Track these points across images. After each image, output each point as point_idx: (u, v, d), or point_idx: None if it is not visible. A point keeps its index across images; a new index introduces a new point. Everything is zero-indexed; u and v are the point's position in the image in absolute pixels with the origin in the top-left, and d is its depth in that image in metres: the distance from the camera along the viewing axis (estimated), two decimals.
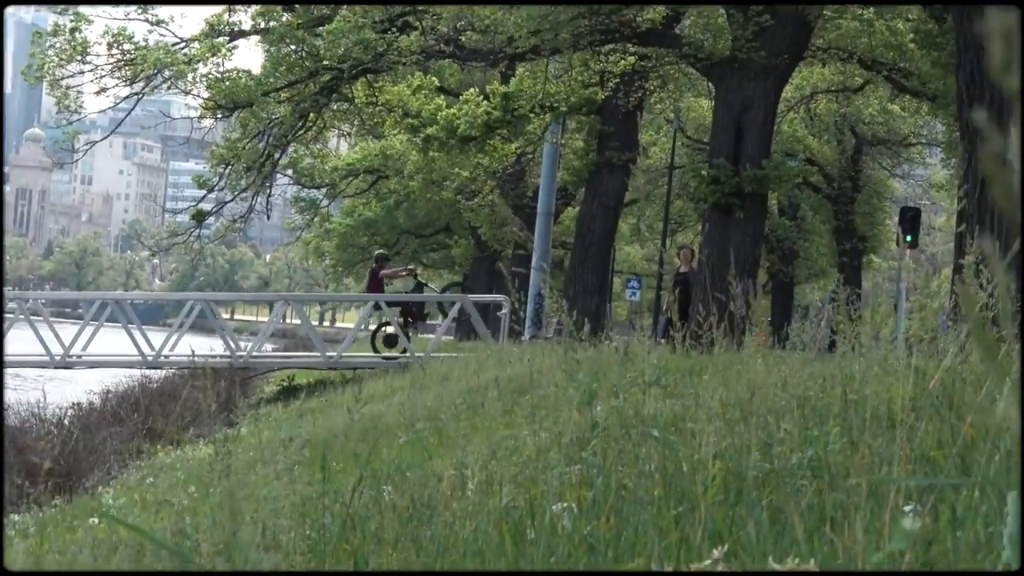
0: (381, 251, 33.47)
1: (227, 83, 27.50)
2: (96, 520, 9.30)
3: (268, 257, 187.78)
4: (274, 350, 46.57)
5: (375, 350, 28.35)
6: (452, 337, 44.39)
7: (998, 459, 2.92)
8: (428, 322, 35.71)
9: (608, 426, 4.48)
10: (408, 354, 26.76)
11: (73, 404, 23.78)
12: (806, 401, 4.96)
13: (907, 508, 2.87)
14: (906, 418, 3.47)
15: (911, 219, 34.53)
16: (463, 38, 27.98)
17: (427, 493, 4.94)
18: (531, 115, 30.42)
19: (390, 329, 28.60)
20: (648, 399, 5.16)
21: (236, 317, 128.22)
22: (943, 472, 3.11)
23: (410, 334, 28.63)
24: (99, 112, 33.47)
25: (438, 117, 30.88)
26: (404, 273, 32.74)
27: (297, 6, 28.35)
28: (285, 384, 29.43)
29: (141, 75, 27.37)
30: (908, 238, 33.62)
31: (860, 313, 6.07)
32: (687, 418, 4.82)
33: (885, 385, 4.15)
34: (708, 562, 2.39)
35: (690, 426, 4.22)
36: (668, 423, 4.86)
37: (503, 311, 29.46)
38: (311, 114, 29.40)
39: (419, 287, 31.04)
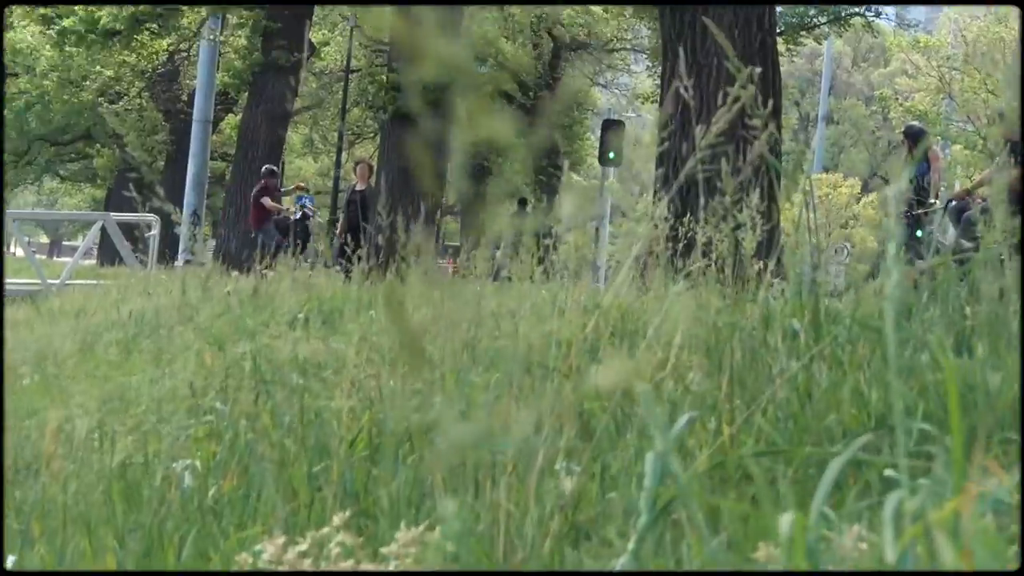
0: (270, 166, 28.70)
1: None
2: None
3: None
4: None
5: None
6: (94, 262, 43.48)
7: (659, 413, 3.00)
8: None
9: (242, 372, 4.45)
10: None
11: None
12: (475, 342, 5.01)
13: (558, 466, 2.93)
14: (566, 364, 3.54)
15: (614, 133, 35.09)
16: None
17: (30, 449, 4.82)
18: (184, 7, 29.82)
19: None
20: (294, 339, 5.14)
21: None
22: (598, 426, 3.18)
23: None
24: None
25: (76, 8, 30.00)
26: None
27: None
28: None
29: None
30: (611, 155, 34.21)
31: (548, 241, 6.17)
32: (339, 362, 4.82)
33: (561, 323, 4.21)
34: (327, 529, 2.39)
35: (330, 375, 4.23)
36: (316, 368, 4.85)
37: (152, 232, 28.85)
38: None
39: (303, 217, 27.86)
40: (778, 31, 31.74)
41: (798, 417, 3.19)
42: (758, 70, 3.77)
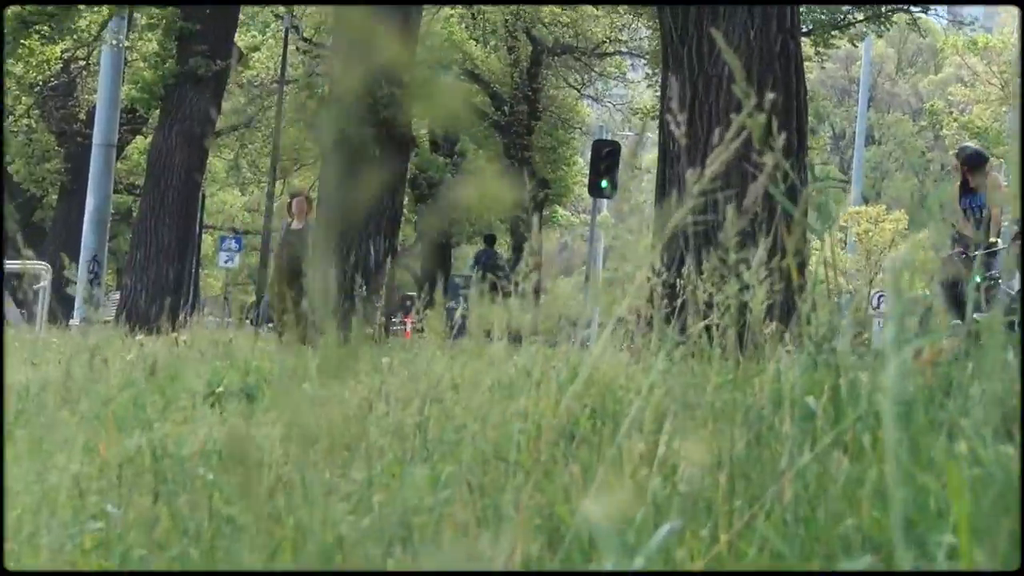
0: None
1: None
2: None
3: None
4: None
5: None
6: None
7: (640, 518, 3.02)
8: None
9: (140, 466, 4.45)
10: None
11: None
12: (419, 430, 5.00)
13: None
14: (533, 455, 3.55)
15: (607, 156, 34.95)
16: None
17: None
18: (82, 7, 29.90)
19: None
20: (206, 423, 5.15)
21: None
22: (567, 533, 3.20)
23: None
24: None
25: None
26: None
27: None
28: None
29: None
30: (603, 184, 34.16)
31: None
32: (259, 451, 4.82)
33: (528, 401, 4.21)
34: None
35: (248, 469, 4.23)
36: (231, 459, 4.86)
37: (42, 283, 28.82)
38: None
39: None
40: (805, 30, 31.78)
41: (809, 521, 3.20)
42: (771, 96, 3.74)
